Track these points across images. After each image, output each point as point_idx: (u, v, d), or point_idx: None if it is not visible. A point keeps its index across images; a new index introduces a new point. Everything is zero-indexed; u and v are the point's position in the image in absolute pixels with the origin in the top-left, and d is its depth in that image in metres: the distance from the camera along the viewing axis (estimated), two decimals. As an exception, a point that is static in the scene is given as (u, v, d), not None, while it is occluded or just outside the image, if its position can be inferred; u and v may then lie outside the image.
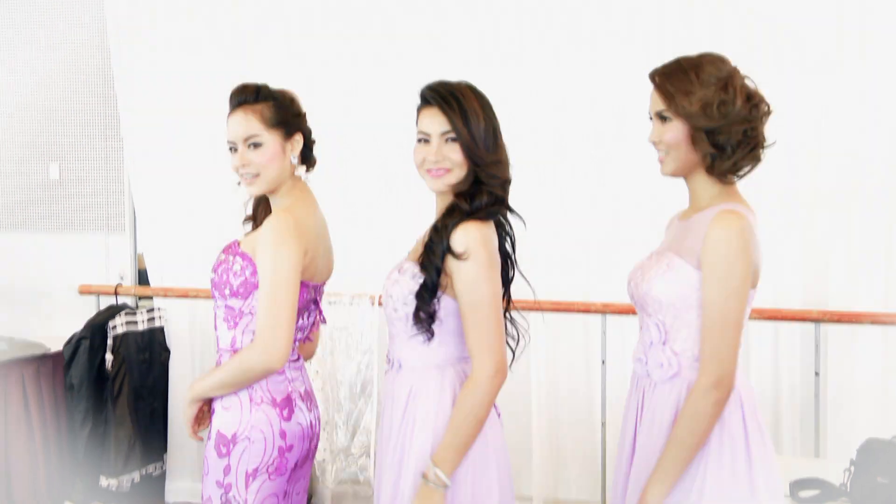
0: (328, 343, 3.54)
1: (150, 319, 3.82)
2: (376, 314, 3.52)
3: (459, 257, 1.89)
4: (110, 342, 3.65)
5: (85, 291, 3.98)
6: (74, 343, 3.63)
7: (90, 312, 3.82)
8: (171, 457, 3.87)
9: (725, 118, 1.82)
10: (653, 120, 1.90)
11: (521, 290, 2.11)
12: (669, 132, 1.86)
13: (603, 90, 3.44)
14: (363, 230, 3.69)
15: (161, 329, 3.86)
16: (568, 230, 3.51)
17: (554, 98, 3.49)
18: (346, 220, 3.66)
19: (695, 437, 1.78)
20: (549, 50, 3.47)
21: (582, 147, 3.48)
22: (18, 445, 3.55)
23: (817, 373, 3.23)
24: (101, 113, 4.05)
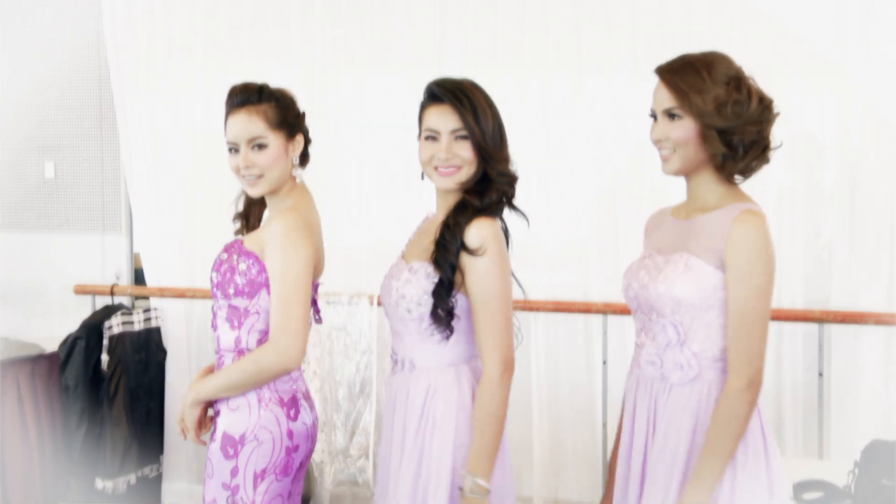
0: (326, 343, 3.54)
1: (147, 320, 3.82)
2: (375, 314, 3.51)
3: (474, 253, 1.91)
4: (106, 342, 3.64)
5: (80, 291, 3.97)
6: (70, 343, 3.63)
7: (86, 312, 3.82)
8: (168, 458, 3.86)
9: (739, 118, 1.81)
10: (658, 117, 1.87)
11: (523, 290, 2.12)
12: (679, 130, 1.83)
13: (604, 90, 3.43)
14: (362, 230, 3.68)
15: (157, 329, 3.86)
16: (568, 230, 3.51)
17: (554, 97, 3.48)
18: (345, 220, 3.67)
19: (733, 441, 1.78)
20: (550, 49, 3.46)
21: (582, 146, 3.48)
22: (13, 447, 3.55)
23: (821, 373, 3.23)
24: (97, 111, 4.04)
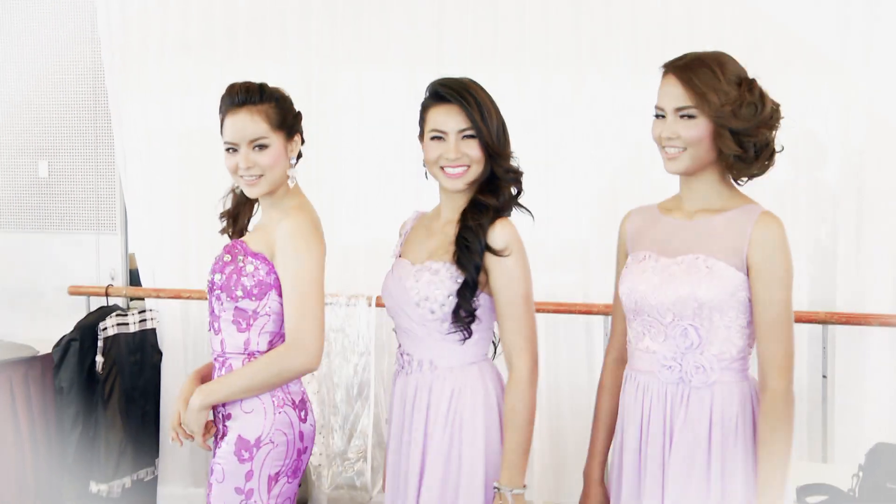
0: (324, 345, 3.53)
1: (142, 321, 3.81)
2: (373, 315, 3.51)
3: (501, 254, 1.95)
4: (101, 344, 3.64)
5: (75, 292, 3.95)
6: (64, 345, 3.62)
7: (80, 313, 3.80)
8: (163, 462, 3.84)
9: (753, 120, 1.81)
10: (667, 115, 1.85)
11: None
12: (692, 129, 1.82)
13: (604, 89, 3.44)
14: (360, 230, 3.69)
15: (153, 331, 3.85)
16: (568, 230, 3.51)
17: (554, 97, 3.48)
18: (343, 220, 3.68)
19: (789, 443, 1.80)
20: (550, 48, 3.47)
21: (582, 146, 3.48)
22: (6, 450, 3.54)
23: (825, 375, 3.22)
24: (92, 109, 4.03)
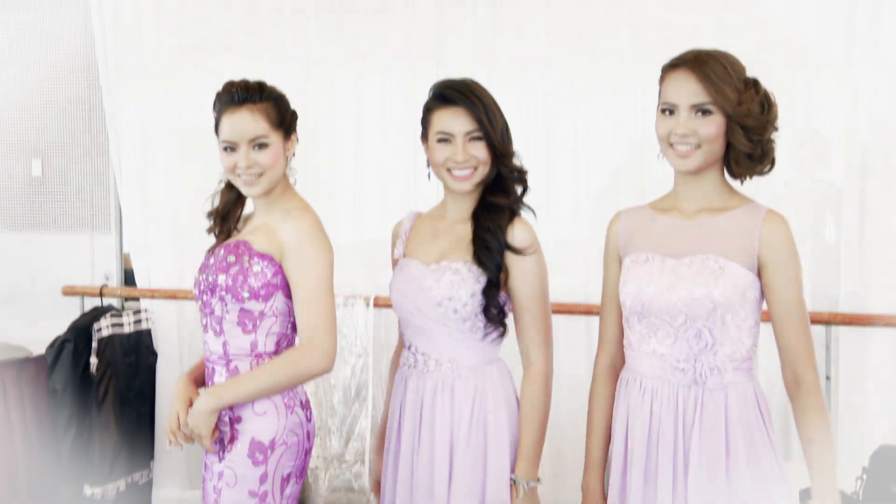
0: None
1: (137, 322, 3.80)
2: (371, 316, 3.50)
3: (523, 253, 2.01)
4: (95, 345, 3.63)
5: (69, 292, 3.96)
6: (58, 346, 3.61)
7: (74, 314, 3.80)
8: (159, 464, 3.85)
9: (762, 117, 1.83)
10: (678, 111, 1.84)
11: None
12: (709, 125, 1.82)
13: (606, 90, 3.45)
14: (358, 230, 3.68)
15: (148, 332, 3.84)
16: (569, 231, 3.51)
17: (555, 97, 3.49)
18: (340, 221, 3.66)
19: (830, 432, 1.84)
20: (550, 48, 3.47)
21: (582, 146, 3.48)
22: (-1, 452, 3.55)
23: (828, 377, 3.22)
24: (86, 107, 4.02)
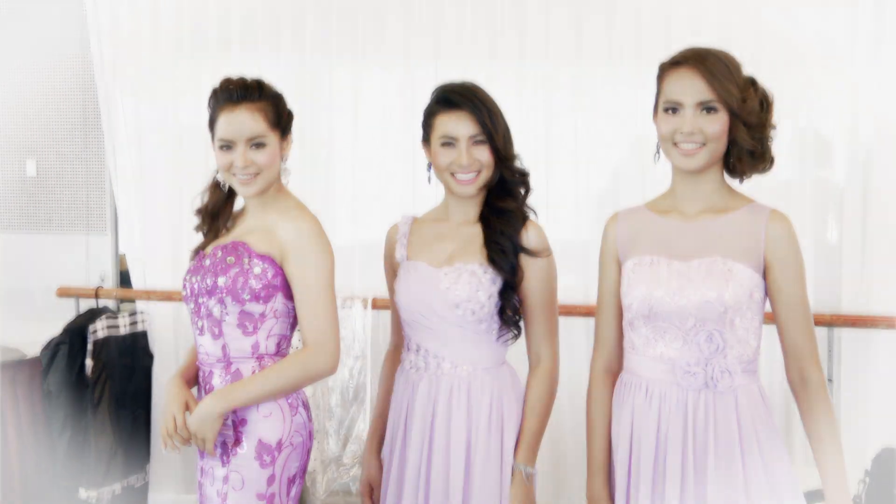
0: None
1: (133, 323, 3.80)
2: (370, 318, 3.50)
3: (538, 255, 2.08)
4: (90, 347, 3.63)
5: (64, 294, 3.95)
6: (52, 348, 3.61)
7: (69, 316, 3.79)
8: (155, 467, 3.84)
9: (763, 114, 1.85)
10: (683, 109, 1.84)
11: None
12: (715, 123, 1.83)
13: (605, 87, 3.45)
14: (355, 231, 3.67)
15: (144, 333, 3.84)
16: (569, 231, 3.51)
17: (554, 95, 3.49)
18: (338, 221, 3.66)
19: (838, 431, 1.87)
20: (550, 46, 3.48)
21: (583, 145, 3.49)
22: (-6, 455, 3.54)
23: (830, 379, 3.22)
24: (81, 106, 4.01)
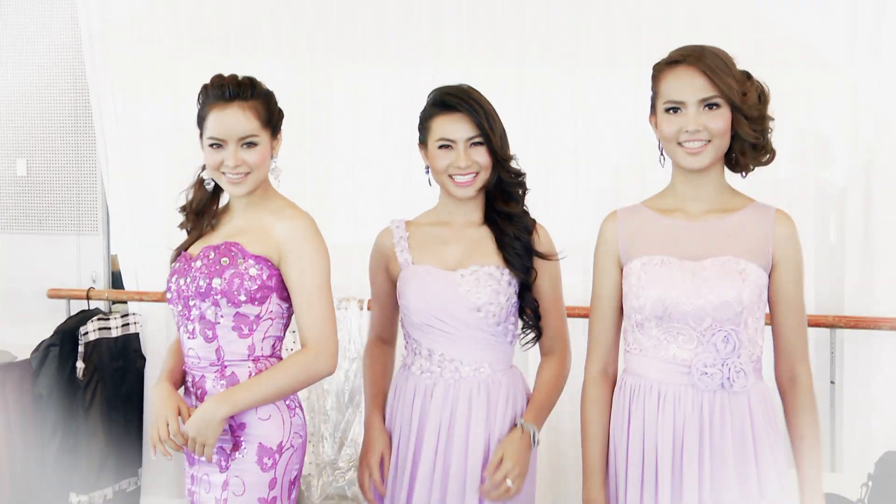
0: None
1: (125, 325, 3.79)
2: (365, 319, 3.49)
3: (550, 258, 2.17)
4: (81, 349, 3.62)
5: (55, 295, 3.94)
6: (43, 350, 3.60)
7: (60, 318, 3.80)
8: (147, 472, 3.84)
9: (761, 107, 1.86)
10: (686, 107, 1.85)
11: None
12: (719, 119, 1.84)
13: (605, 88, 3.46)
14: (353, 231, 3.67)
15: (136, 335, 3.83)
16: (569, 231, 3.50)
17: (554, 95, 3.50)
18: (336, 221, 3.67)
19: (819, 434, 1.88)
20: (550, 46, 3.48)
21: (582, 146, 3.49)
22: (-17, 459, 3.53)
23: (832, 381, 3.23)
24: (72, 105, 4.01)
